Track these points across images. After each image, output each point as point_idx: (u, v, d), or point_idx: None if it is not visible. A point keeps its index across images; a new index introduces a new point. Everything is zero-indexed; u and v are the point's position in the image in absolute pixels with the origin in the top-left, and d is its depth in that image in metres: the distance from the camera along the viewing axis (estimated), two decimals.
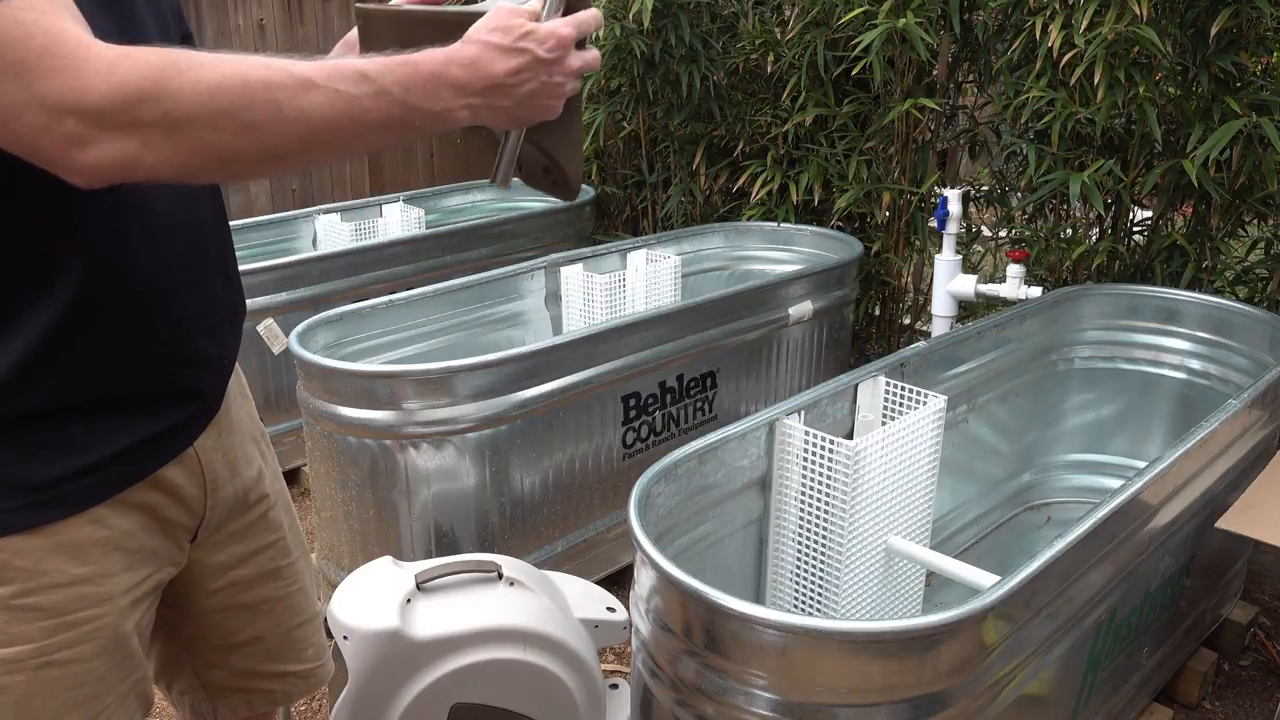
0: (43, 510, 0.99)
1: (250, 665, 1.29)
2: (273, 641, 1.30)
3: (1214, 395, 2.53)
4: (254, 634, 1.28)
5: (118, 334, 1.00)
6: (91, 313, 0.97)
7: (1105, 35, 2.57)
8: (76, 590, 1.01)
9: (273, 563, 1.27)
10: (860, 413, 2.06)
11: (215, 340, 1.12)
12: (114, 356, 1.01)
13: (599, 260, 3.03)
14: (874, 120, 3.34)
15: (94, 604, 1.03)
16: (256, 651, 1.29)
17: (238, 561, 1.23)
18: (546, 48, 0.97)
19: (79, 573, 1.01)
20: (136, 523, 1.07)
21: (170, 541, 1.12)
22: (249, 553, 1.24)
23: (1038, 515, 2.78)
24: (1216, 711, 2.26)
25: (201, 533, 1.17)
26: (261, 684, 1.31)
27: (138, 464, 1.05)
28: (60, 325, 0.95)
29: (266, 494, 1.26)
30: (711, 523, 1.82)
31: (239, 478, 1.20)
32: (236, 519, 1.22)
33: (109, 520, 1.03)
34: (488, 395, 2.22)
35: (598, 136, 3.93)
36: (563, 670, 1.58)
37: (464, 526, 2.28)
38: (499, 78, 0.95)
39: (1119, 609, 1.75)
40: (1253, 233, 2.96)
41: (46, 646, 1.00)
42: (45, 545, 0.99)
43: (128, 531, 1.06)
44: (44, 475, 0.98)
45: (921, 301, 3.63)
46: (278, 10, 4.30)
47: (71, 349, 0.97)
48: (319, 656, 1.37)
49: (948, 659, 1.31)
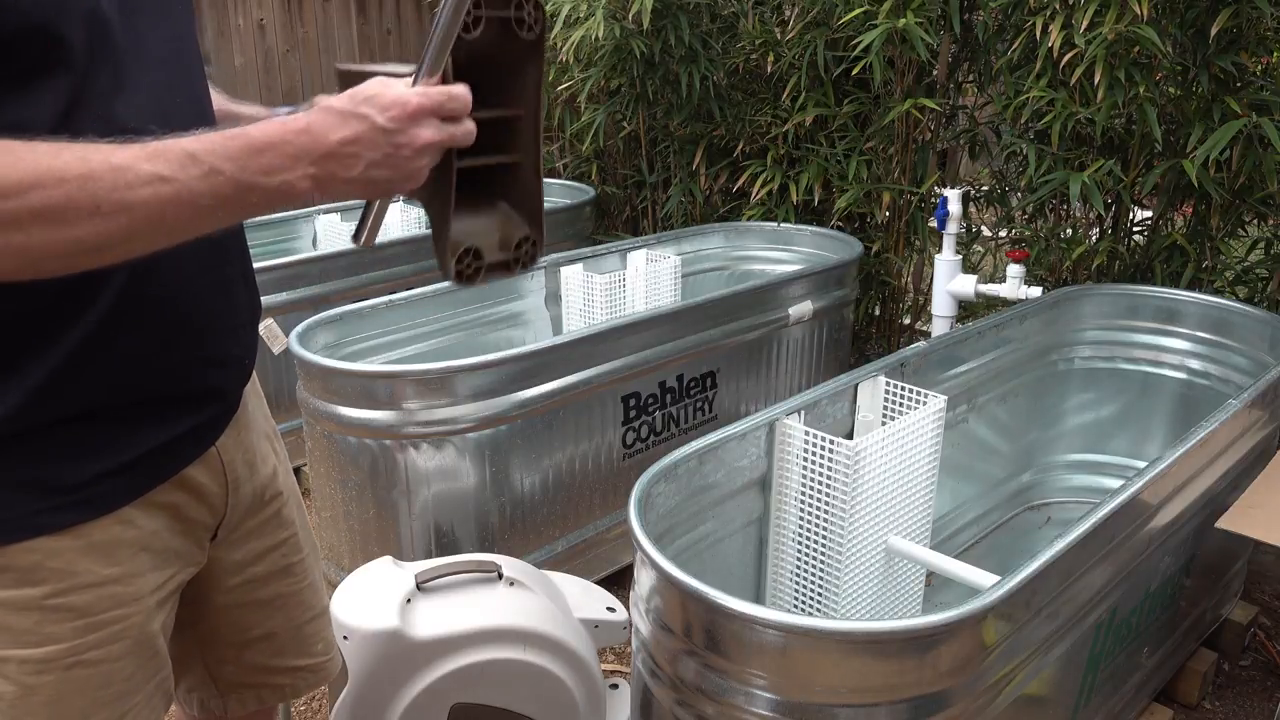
0: (74, 511, 0.99)
1: (263, 661, 1.30)
2: (285, 637, 1.31)
3: (1214, 395, 2.53)
4: (267, 630, 1.28)
5: (149, 341, 1.01)
6: (124, 321, 0.98)
7: (1105, 35, 2.57)
8: (107, 590, 1.02)
9: (285, 559, 1.28)
10: (860, 413, 2.06)
11: (238, 341, 1.13)
12: (144, 362, 1.02)
13: (599, 260, 3.03)
14: (874, 120, 3.34)
15: (123, 604, 1.04)
16: (269, 647, 1.30)
17: (254, 558, 1.24)
18: (388, 115, 0.89)
19: (109, 573, 1.02)
20: (162, 523, 1.08)
21: (192, 541, 1.13)
22: (264, 549, 1.25)
23: (1038, 515, 2.78)
24: (1216, 711, 2.26)
25: (221, 531, 1.18)
26: (272, 679, 1.32)
27: (165, 464, 1.06)
28: (94, 334, 0.96)
29: (280, 491, 1.27)
30: (711, 523, 1.82)
31: (257, 475, 1.21)
32: (253, 516, 1.23)
33: (138, 520, 1.04)
34: (488, 395, 2.22)
35: (598, 136, 3.93)
36: (563, 670, 1.58)
37: (464, 526, 2.28)
38: (333, 145, 0.89)
39: (1119, 609, 1.75)
40: (1253, 233, 2.96)
41: (77, 646, 1.01)
42: (77, 546, 1.00)
43: (155, 531, 1.07)
44: (75, 477, 0.99)
45: (921, 301, 3.63)
46: (278, 10, 4.30)
47: (104, 356, 0.98)
48: (328, 650, 1.38)
49: (948, 659, 1.31)
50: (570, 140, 4.27)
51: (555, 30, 3.54)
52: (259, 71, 4.28)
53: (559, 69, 3.92)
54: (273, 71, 4.31)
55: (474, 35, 0.96)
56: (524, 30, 1.00)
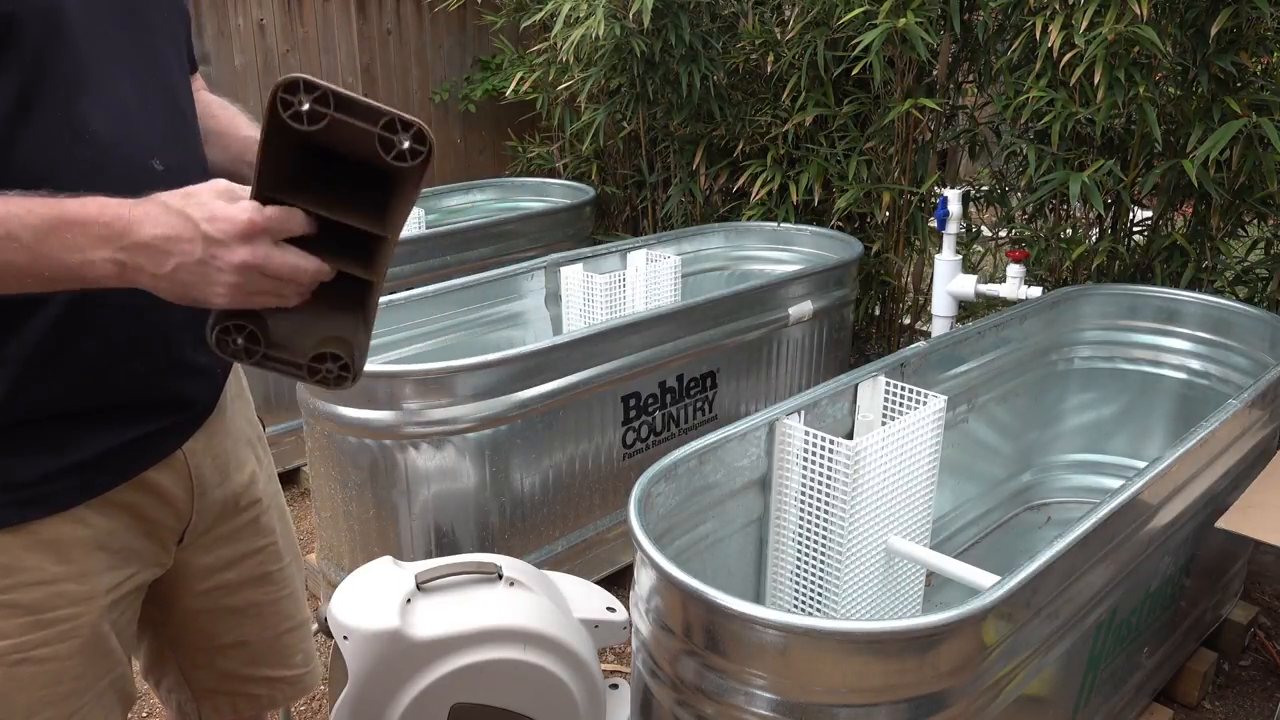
0: (22, 509, 1.00)
1: (235, 668, 1.29)
2: (259, 646, 1.30)
3: (1214, 395, 2.53)
4: (239, 637, 1.28)
5: (111, 348, 1.01)
6: (78, 332, 0.98)
7: (1105, 35, 2.57)
8: (57, 588, 1.02)
9: (262, 567, 1.27)
10: (860, 413, 2.06)
11: (205, 351, 1.12)
12: (106, 369, 1.02)
13: (599, 260, 3.03)
14: (874, 120, 3.34)
15: (74, 602, 1.03)
16: (242, 655, 1.29)
17: (225, 565, 1.23)
18: (215, 226, 0.84)
19: (59, 571, 1.02)
20: (120, 523, 1.07)
21: (154, 543, 1.12)
22: (237, 556, 1.24)
23: (1038, 515, 2.78)
24: (1216, 711, 2.26)
25: (188, 535, 1.17)
26: (247, 688, 1.31)
27: (122, 466, 1.06)
28: (48, 343, 0.96)
29: (259, 498, 1.26)
30: (711, 523, 1.82)
31: (229, 481, 1.20)
32: (226, 522, 1.22)
33: (91, 520, 1.04)
34: (488, 395, 2.22)
35: (598, 136, 3.93)
36: (563, 670, 1.58)
37: (464, 526, 2.28)
38: (146, 239, 0.85)
39: (1119, 609, 1.75)
40: (1253, 233, 2.96)
41: (23, 644, 1.00)
42: (24, 543, 1.00)
43: (111, 531, 1.06)
44: (26, 475, 0.99)
45: (921, 301, 3.63)
46: (278, 10, 4.30)
47: (59, 366, 0.98)
48: (307, 663, 1.37)
49: (948, 659, 1.31)
50: (570, 140, 4.27)
51: (555, 30, 3.54)
52: (259, 71, 4.28)
53: (559, 69, 3.92)
54: (273, 71, 4.31)
55: (311, 129, 0.83)
56: (390, 154, 0.85)
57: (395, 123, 0.84)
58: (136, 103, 1.01)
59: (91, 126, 0.96)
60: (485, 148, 5.14)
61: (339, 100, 0.83)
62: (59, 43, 0.93)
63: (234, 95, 1.32)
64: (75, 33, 0.94)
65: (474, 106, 4.90)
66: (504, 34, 4.74)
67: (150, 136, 1.03)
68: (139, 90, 1.02)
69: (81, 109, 0.95)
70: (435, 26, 4.84)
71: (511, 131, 4.90)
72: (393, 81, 4.72)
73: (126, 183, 0.95)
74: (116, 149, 0.99)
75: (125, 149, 1.00)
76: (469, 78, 4.95)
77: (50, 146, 0.94)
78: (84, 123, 0.95)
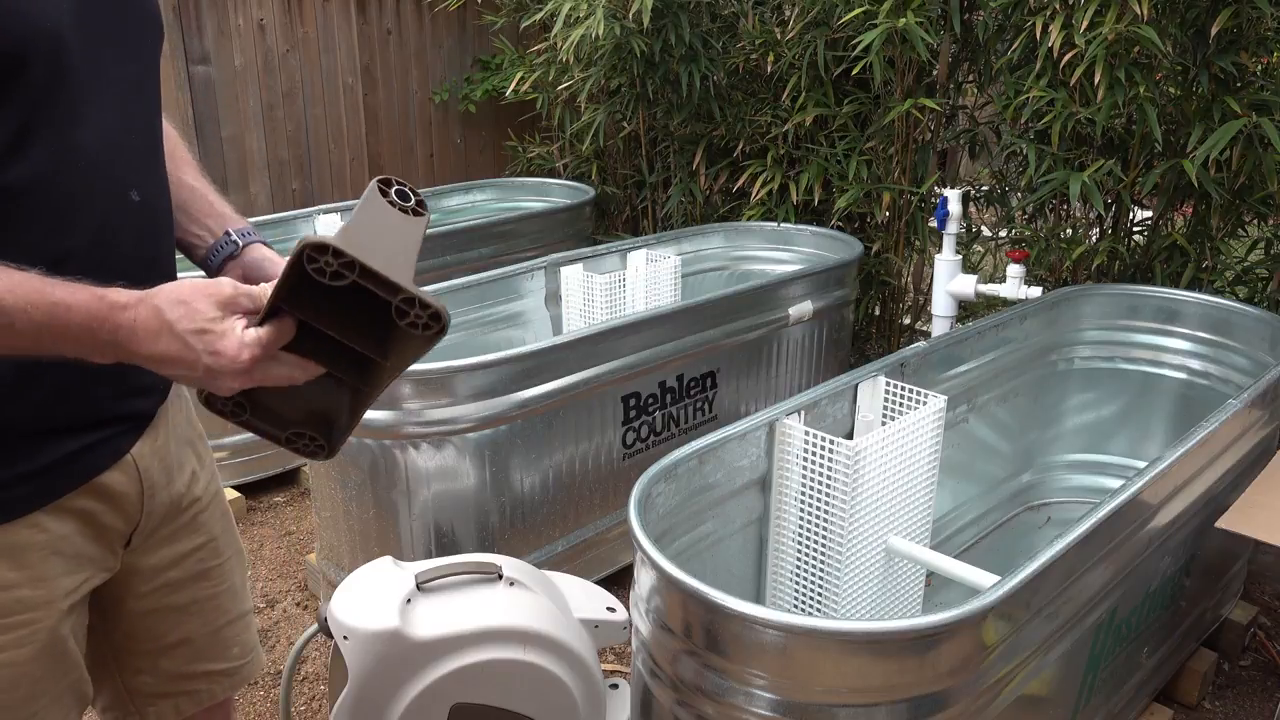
0: None
1: (178, 667, 1.30)
2: (200, 642, 1.31)
3: (1214, 395, 2.53)
4: (183, 635, 1.28)
5: (77, 378, 1.02)
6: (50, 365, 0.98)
7: (1105, 35, 2.57)
8: (14, 594, 1.03)
9: (202, 564, 1.28)
10: (860, 413, 2.06)
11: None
12: (69, 393, 1.03)
13: (599, 260, 3.03)
14: (874, 120, 3.34)
15: (31, 607, 1.04)
16: (185, 653, 1.30)
17: (169, 564, 1.24)
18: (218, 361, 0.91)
19: (16, 576, 1.03)
20: (73, 527, 1.08)
21: (104, 547, 1.14)
22: (179, 555, 1.25)
23: (1038, 515, 2.78)
24: (1216, 711, 2.26)
25: (136, 537, 1.18)
26: (188, 685, 1.32)
27: (77, 471, 1.07)
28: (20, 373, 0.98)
29: (199, 497, 1.27)
30: (711, 523, 1.82)
31: (174, 483, 1.22)
32: (169, 523, 1.23)
33: (47, 525, 1.05)
34: (488, 395, 2.22)
35: (598, 136, 3.93)
36: (563, 670, 1.57)
37: (464, 526, 2.28)
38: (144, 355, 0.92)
39: (1119, 609, 1.75)
40: (1253, 233, 2.96)
41: None
42: None
43: (65, 536, 1.07)
44: None
45: (921, 301, 3.63)
46: (278, 10, 4.30)
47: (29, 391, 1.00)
48: (245, 654, 1.38)
49: (948, 659, 1.31)
50: (570, 140, 4.27)
51: (555, 30, 3.54)
52: (259, 71, 4.28)
53: (559, 69, 3.92)
54: (273, 71, 4.31)
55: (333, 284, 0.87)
56: (404, 322, 0.89)
57: (415, 300, 0.89)
58: (120, 131, 1.03)
59: (83, 159, 0.98)
60: (485, 148, 5.14)
61: (363, 271, 0.87)
62: (61, 81, 0.95)
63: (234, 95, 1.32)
64: (74, 62, 0.96)
65: (474, 106, 4.90)
66: (504, 34, 4.74)
67: (131, 167, 1.06)
68: (124, 118, 1.04)
69: (75, 140, 0.97)
70: (435, 26, 4.84)
71: (511, 131, 4.90)
72: (392, 81, 4.72)
73: (105, 215, 1.00)
74: (102, 181, 1.01)
75: (109, 181, 1.02)
76: (469, 78, 4.95)
77: (43, 175, 0.95)
78: (77, 154, 0.97)
